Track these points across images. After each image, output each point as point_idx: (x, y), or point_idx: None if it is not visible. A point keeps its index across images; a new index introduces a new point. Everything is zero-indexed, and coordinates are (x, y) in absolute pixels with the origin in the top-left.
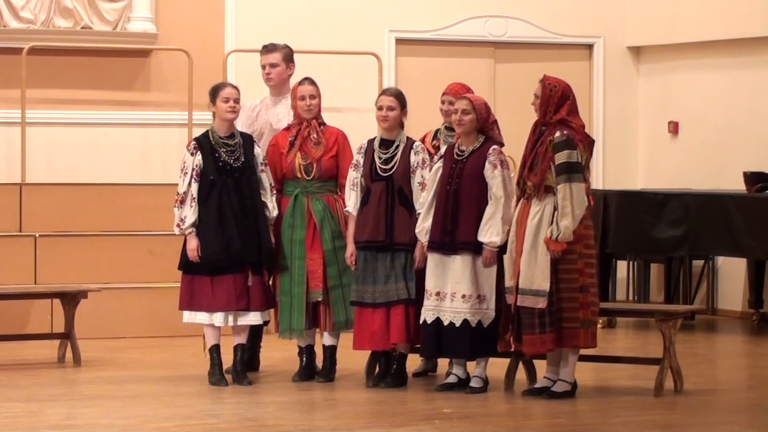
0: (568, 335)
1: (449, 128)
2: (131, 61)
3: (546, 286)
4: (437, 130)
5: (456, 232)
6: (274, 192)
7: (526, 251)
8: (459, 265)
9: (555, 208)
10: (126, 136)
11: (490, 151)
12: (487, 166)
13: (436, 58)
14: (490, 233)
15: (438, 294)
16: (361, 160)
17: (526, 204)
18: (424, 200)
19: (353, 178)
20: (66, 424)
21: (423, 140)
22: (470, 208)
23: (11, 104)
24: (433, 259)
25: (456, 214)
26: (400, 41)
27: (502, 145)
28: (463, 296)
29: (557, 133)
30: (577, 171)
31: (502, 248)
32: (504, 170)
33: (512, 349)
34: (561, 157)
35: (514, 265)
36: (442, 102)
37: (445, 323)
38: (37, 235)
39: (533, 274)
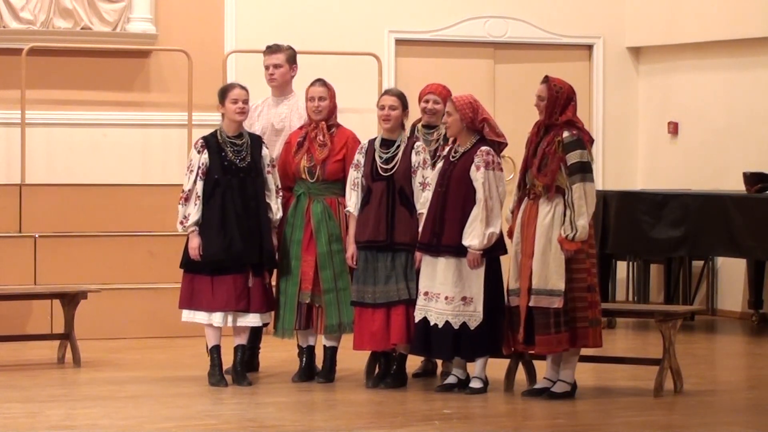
0: (579, 335)
1: (427, 126)
2: (131, 61)
3: (561, 285)
4: (414, 128)
5: (442, 235)
6: (280, 194)
7: (540, 251)
8: (443, 266)
9: (567, 207)
10: (126, 136)
11: (477, 152)
12: (472, 168)
13: (435, 58)
14: (471, 236)
15: (426, 294)
16: (362, 160)
17: (532, 205)
18: (425, 200)
19: (354, 178)
20: (66, 424)
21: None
22: (455, 211)
23: (11, 105)
24: (424, 260)
25: (443, 216)
26: (399, 42)
27: (499, 142)
28: (446, 298)
29: (566, 134)
30: (590, 171)
31: (497, 250)
32: (490, 171)
33: (520, 351)
34: (574, 157)
35: (522, 267)
36: (426, 101)
37: (431, 323)
38: (36, 235)
39: (548, 274)
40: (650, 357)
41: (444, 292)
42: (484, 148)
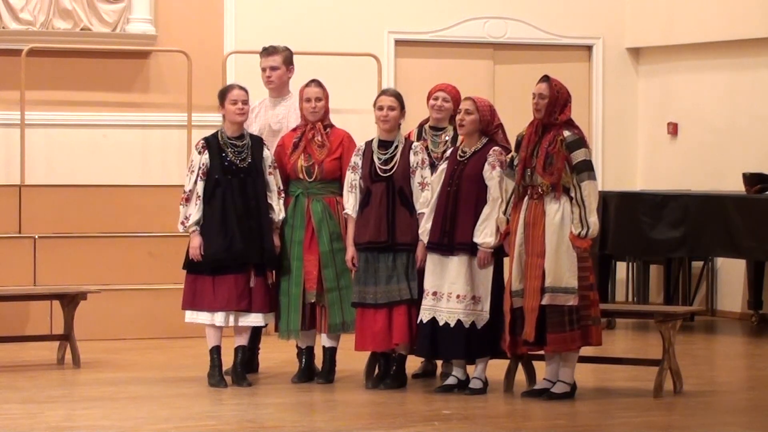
0: (585, 333)
1: (435, 128)
2: (130, 62)
3: (575, 283)
4: (421, 128)
5: (454, 233)
6: (282, 195)
7: (552, 250)
8: (455, 265)
9: (574, 205)
10: (125, 137)
11: (490, 152)
12: (486, 167)
13: (435, 59)
14: (484, 234)
15: (435, 294)
16: (360, 162)
17: (537, 204)
18: (425, 200)
19: (351, 180)
20: (65, 425)
21: (408, 137)
22: (469, 209)
23: (10, 106)
24: (431, 260)
25: (455, 215)
26: (399, 42)
27: (508, 150)
28: (458, 296)
29: (567, 133)
30: (593, 168)
31: (501, 250)
32: (503, 171)
33: (525, 352)
34: (579, 155)
35: (531, 267)
36: (436, 98)
37: (441, 323)
38: (36, 236)
39: (561, 272)
40: (650, 358)
41: (456, 290)
42: (496, 148)
